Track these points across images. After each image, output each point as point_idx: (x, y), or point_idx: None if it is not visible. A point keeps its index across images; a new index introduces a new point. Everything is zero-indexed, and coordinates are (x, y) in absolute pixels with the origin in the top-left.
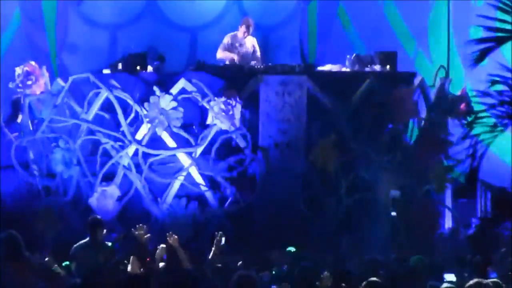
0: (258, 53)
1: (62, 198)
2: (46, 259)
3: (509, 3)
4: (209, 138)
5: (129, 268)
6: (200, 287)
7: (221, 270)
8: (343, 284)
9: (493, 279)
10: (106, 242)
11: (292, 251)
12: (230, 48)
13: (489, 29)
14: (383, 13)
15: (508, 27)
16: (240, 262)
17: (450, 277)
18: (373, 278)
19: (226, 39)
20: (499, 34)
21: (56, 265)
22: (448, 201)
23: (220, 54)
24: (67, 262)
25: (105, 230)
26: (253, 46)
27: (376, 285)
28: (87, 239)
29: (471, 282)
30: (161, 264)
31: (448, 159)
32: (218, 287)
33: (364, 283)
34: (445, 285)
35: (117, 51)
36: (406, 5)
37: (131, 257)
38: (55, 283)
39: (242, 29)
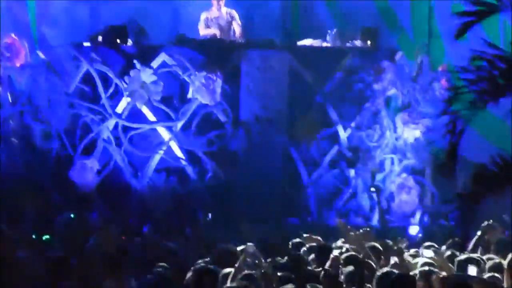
0: (238, 22)
1: (42, 171)
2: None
3: None
4: (189, 113)
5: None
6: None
7: (202, 244)
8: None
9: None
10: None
11: None
12: (208, 23)
13: (472, 3)
14: None
15: (489, 0)
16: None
17: (428, 253)
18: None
19: (203, 16)
20: (480, 8)
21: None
22: (428, 177)
23: (202, 31)
24: (47, 236)
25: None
26: (232, 17)
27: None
28: (72, 213)
29: (462, 257)
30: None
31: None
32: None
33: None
34: (423, 260)
35: (98, 24)
36: None
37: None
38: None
39: (214, 2)
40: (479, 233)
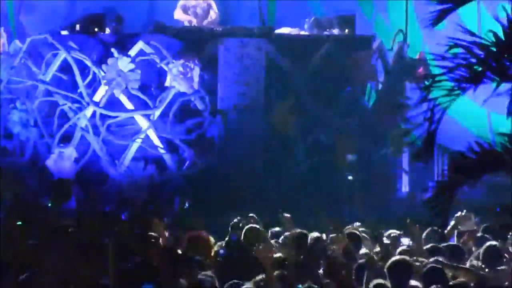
0: (215, 10)
1: (19, 159)
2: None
3: None
4: (167, 101)
5: None
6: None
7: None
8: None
9: (449, 243)
10: None
11: None
12: (186, 9)
13: None
14: None
15: None
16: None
17: (405, 241)
18: None
19: (181, 3)
20: None
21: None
22: (405, 165)
23: (178, 15)
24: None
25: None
26: (209, 5)
27: None
28: (51, 201)
29: (427, 246)
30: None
31: (405, 123)
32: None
33: None
34: (400, 248)
35: (76, 12)
36: None
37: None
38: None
39: None
40: (452, 223)
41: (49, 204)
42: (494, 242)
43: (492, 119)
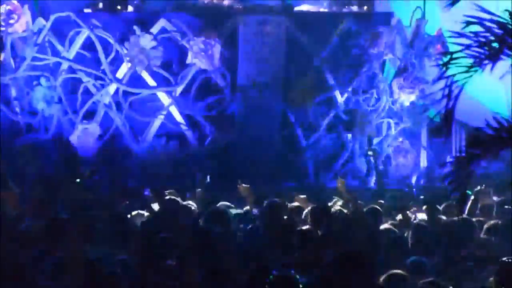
0: None
1: (44, 135)
2: None
3: None
4: (188, 78)
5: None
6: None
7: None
8: None
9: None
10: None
11: None
12: None
13: None
14: None
15: None
16: None
17: (421, 215)
18: None
19: None
20: None
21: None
22: (424, 141)
23: None
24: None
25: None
26: None
27: None
28: (68, 174)
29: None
30: None
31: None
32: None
33: None
34: (417, 221)
35: None
36: None
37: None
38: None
39: None
40: (472, 197)
41: (77, 181)
42: None
43: (509, 95)
